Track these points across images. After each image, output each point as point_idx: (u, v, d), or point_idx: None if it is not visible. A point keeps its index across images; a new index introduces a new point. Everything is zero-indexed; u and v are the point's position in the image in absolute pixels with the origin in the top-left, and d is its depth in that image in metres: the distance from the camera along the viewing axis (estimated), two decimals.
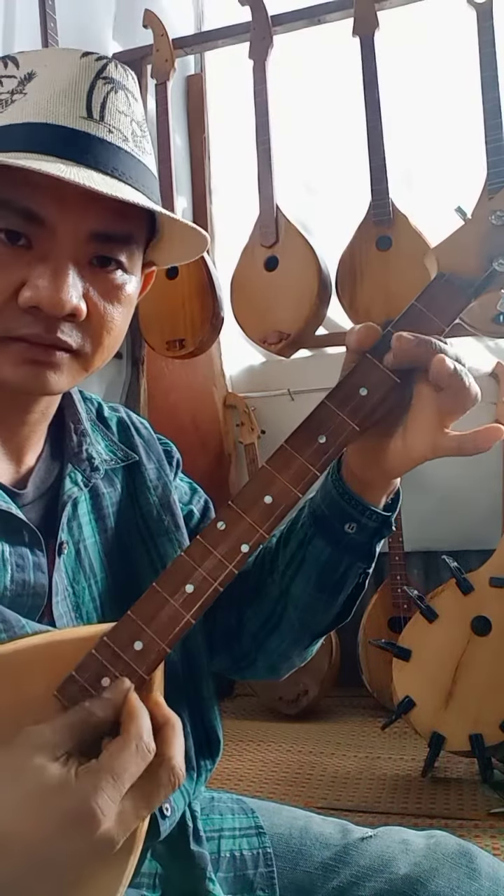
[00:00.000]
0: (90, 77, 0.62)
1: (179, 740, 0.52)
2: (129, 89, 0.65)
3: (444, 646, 1.89)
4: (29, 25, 2.09)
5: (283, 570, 0.74)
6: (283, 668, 0.81)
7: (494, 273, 0.61)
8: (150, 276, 0.75)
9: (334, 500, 0.69)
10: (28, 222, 0.60)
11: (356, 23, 2.19)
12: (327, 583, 0.72)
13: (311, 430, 0.60)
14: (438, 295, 0.61)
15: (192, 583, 0.56)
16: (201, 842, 0.72)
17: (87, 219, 0.61)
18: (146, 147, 0.66)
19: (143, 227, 0.66)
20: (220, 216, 2.93)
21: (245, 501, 0.58)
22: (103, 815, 0.46)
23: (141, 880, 0.68)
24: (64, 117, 0.60)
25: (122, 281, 0.64)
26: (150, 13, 2.46)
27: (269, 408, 2.82)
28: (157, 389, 2.65)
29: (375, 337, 0.62)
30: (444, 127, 2.58)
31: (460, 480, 2.53)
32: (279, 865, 0.76)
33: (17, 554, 0.64)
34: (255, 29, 2.31)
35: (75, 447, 0.73)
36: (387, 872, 0.73)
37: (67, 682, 0.53)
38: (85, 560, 0.70)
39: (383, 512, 0.70)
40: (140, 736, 0.49)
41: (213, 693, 0.77)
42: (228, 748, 2.16)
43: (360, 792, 1.86)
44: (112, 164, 0.61)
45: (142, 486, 0.78)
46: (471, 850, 0.74)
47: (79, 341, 0.63)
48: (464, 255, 0.61)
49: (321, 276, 2.18)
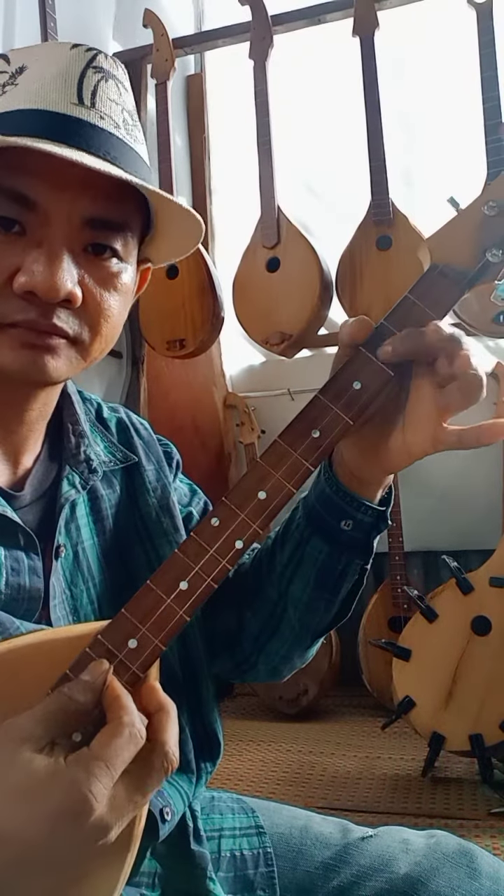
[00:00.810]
0: (81, 66, 0.62)
1: (173, 726, 0.51)
2: (120, 79, 0.65)
3: (444, 646, 1.88)
4: (29, 25, 2.09)
5: (280, 571, 0.74)
6: (285, 670, 0.81)
7: (488, 264, 0.60)
8: (146, 273, 0.75)
9: (329, 497, 0.69)
10: (21, 208, 0.59)
11: (356, 23, 2.19)
12: (326, 581, 0.71)
13: (305, 424, 0.59)
14: (432, 287, 0.61)
15: (187, 579, 0.56)
16: (202, 841, 0.72)
17: (82, 203, 0.60)
18: (138, 136, 0.66)
19: (137, 216, 0.66)
20: (220, 216, 2.94)
21: (239, 497, 0.57)
22: (96, 801, 0.45)
23: (140, 879, 0.68)
24: (55, 103, 0.60)
25: (117, 269, 0.64)
26: (150, 13, 2.46)
27: (269, 408, 2.82)
28: (157, 389, 2.65)
29: (368, 330, 0.61)
30: (444, 127, 2.58)
31: (460, 480, 2.53)
32: (279, 865, 0.76)
33: (12, 558, 0.63)
34: (256, 29, 2.32)
35: (73, 448, 0.72)
36: (387, 872, 0.72)
37: (62, 680, 0.53)
38: (83, 563, 0.70)
39: (378, 507, 0.69)
40: (131, 722, 0.48)
41: (214, 696, 0.77)
42: (228, 748, 2.16)
43: (360, 792, 1.86)
44: (104, 149, 0.61)
45: (141, 487, 0.78)
46: (471, 850, 0.74)
47: (76, 328, 0.62)
48: (457, 246, 0.60)
49: (323, 276, 2.18)
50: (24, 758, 0.46)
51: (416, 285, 0.61)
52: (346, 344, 0.62)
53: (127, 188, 0.62)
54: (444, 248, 0.61)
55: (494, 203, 0.60)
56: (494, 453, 2.50)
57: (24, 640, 0.54)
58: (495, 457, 2.50)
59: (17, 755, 0.46)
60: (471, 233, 0.60)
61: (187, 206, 0.67)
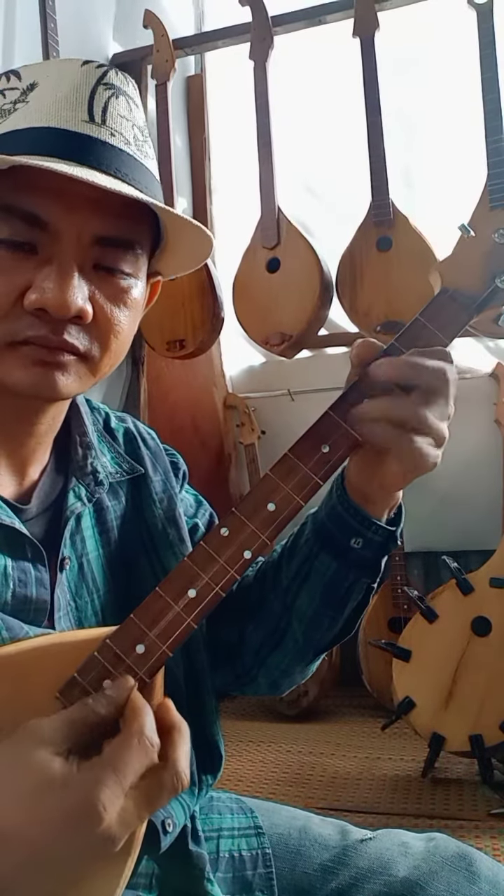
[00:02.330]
0: (91, 83, 0.63)
1: (186, 745, 0.52)
2: (130, 95, 0.65)
3: (444, 646, 1.89)
4: (29, 26, 2.09)
5: (287, 584, 0.74)
6: (284, 685, 0.81)
7: (497, 290, 0.62)
8: (156, 286, 0.75)
9: (339, 515, 0.69)
10: (32, 227, 0.60)
11: (356, 23, 2.19)
12: (333, 597, 0.72)
13: (315, 439, 0.61)
14: (442, 310, 0.62)
15: (195, 587, 0.57)
16: (200, 842, 0.72)
17: (92, 222, 0.61)
18: (148, 152, 0.66)
19: (147, 233, 0.66)
20: (220, 217, 2.94)
21: (248, 508, 0.59)
22: (105, 810, 0.45)
23: (137, 880, 0.68)
24: (66, 121, 0.61)
25: (127, 285, 0.64)
26: (151, 13, 2.46)
27: (269, 408, 2.82)
28: (157, 389, 2.65)
29: (376, 352, 0.63)
30: (445, 127, 2.58)
31: (460, 481, 2.53)
32: (278, 866, 0.76)
33: (19, 569, 0.64)
34: (256, 29, 2.32)
35: (80, 460, 0.73)
36: (385, 875, 0.72)
37: (69, 683, 0.53)
38: (88, 574, 0.70)
39: (388, 526, 0.70)
40: (142, 732, 0.49)
41: (216, 708, 0.77)
42: (228, 748, 2.15)
43: (360, 792, 1.86)
44: (115, 166, 0.61)
45: (147, 499, 0.78)
46: (470, 854, 0.74)
47: (86, 344, 0.63)
48: (467, 272, 0.63)
49: (323, 277, 2.18)
50: (40, 759, 0.47)
51: (426, 308, 0.63)
52: (356, 364, 0.64)
53: (137, 204, 0.63)
54: (455, 272, 0.63)
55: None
56: (495, 454, 2.50)
57: (32, 643, 0.55)
58: (495, 457, 2.50)
59: (33, 756, 0.47)
60: (480, 259, 0.62)
61: (199, 223, 0.68)
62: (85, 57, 0.65)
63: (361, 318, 2.14)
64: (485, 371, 2.51)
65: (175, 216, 0.65)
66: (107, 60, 2.59)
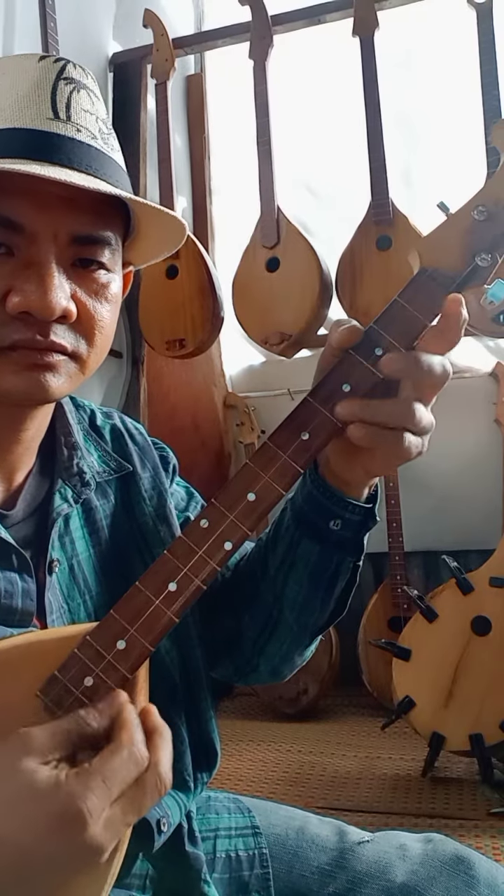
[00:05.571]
0: (51, 78, 0.62)
1: (168, 747, 0.52)
2: (91, 88, 0.65)
3: (444, 646, 1.89)
4: (29, 25, 2.09)
5: (274, 573, 0.74)
6: (286, 670, 0.81)
7: (477, 268, 0.60)
8: (128, 276, 0.74)
9: (315, 498, 0.68)
10: (6, 231, 0.59)
11: (356, 23, 2.19)
12: (320, 580, 0.71)
13: (294, 427, 0.59)
14: (421, 291, 0.61)
15: (175, 580, 0.56)
16: (197, 843, 0.71)
17: (67, 222, 0.60)
18: (114, 144, 0.66)
19: (119, 223, 0.66)
20: (220, 216, 2.93)
21: (228, 499, 0.58)
22: (90, 816, 0.45)
23: (131, 881, 0.67)
24: (31, 120, 0.60)
25: (106, 280, 0.64)
26: (150, 13, 2.46)
27: (269, 408, 2.82)
28: (157, 389, 2.65)
29: (359, 336, 0.62)
30: (444, 127, 2.58)
31: (460, 480, 2.53)
32: (275, 867, 0.76)
33: (6, 580, 0.63)
34: (255, 29, 2.32)
35: (65, 461, 0.72)
36: (383, 880, 0.72)
37: (50, 681, 0.53)
38: (79, 576, 0.70)
39: (365, 504, 0.69)
40: (132, 742, 0.49)
41: (211, 705, 0.77)
42: (228, 748, 2.16)
43: (360, 792, 1.86)
44: (86, 162, 0.61)
45: (136, 496, 0.77)
46: (469, 857, 0.73)
47: (73, 342, 0.63)
48: (446, 251, 0.61)
49: (322, 276, 2.18)
50: (28, 767, 0.47)
51: (405, 289, 0.61)
52: (336, 347, 0.63)
53: (109, 198, 0.62)
54: (434, 251, 0.61)
55: (484, 208, 0.60)
56: (494, 453, 2.50)
57: (13, 641, 0.54)
58: (495, 457, 2.50)
59: (21, 764, 0.47)
60: (460, 237, 0.61)
61: (168, 210, 0.67)
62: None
63: (361, 317, 2.11)
64: (485, 371, 2.51)
65: (147, 206, 0.65)
66: (107, 59, 2.59)
